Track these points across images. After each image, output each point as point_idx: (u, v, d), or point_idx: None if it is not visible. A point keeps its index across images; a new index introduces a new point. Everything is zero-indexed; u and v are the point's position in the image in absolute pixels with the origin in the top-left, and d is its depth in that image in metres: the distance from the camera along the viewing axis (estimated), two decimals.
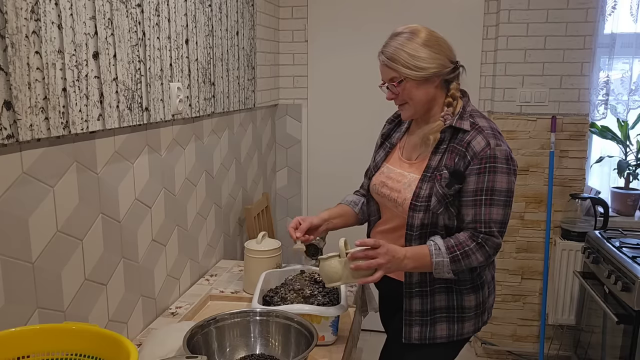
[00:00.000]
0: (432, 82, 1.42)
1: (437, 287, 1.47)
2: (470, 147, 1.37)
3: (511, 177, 1.37)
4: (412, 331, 1.49)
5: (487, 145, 1.35)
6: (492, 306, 1.57)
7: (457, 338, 1.49)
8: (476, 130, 1.39)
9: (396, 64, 1.40)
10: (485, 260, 1.39)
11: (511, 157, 1.38)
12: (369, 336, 3.19)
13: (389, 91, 1.46)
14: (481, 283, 1.49)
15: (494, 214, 1.36)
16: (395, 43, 1.41)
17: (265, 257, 1.88)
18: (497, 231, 1.37)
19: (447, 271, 1.38)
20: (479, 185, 1.36)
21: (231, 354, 1.40)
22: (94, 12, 1.29)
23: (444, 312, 1.48)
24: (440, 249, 1.37)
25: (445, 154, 1.42)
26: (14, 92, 1.05)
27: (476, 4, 2.89)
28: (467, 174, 1.37)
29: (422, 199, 1.41)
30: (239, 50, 2.35)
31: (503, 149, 1.36)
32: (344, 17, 3.04)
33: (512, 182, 1.37)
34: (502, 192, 1.36)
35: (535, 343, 3.02)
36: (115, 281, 1.48)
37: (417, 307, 1.48)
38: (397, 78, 1.42)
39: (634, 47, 2.69)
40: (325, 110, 3.17)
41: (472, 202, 1.37)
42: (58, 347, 0.99)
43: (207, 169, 2.10)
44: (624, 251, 2.29)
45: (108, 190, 1.42)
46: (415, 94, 1.42)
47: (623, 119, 2.85)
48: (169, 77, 1.69)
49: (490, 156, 1.35)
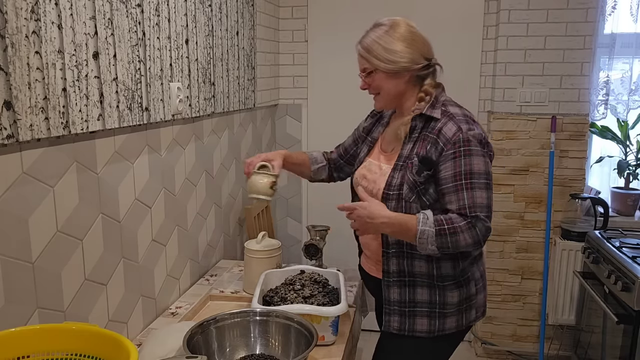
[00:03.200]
0: (402, 77, 1.44)
1: (418, 279, 1.45)
2: (441, 133, 1.37)
3: (487, 160, 1.37)
4: (392, 320, 1.49)
5: (459, 129, 1.36)
6: (483, 304, 1.54)
7: (438, 334, 1.47)
8: (447, 117, 1.40)
9: (369, 55, 1.44)
10: (474, 243, 1.34)
11: (486, 141, 1.38)
12: (369, 336, 3.19)
13: (363, 81, 1.51)
14: (465, 279, 1.47)
15: (478, 198, 1.33)
16: (373, 35, 1.46)
17: (265, 257, 1.88)
18: (483, 215, 1.34)
19: (431, 243, 1.33)
20: (456, 170, 1.34)
21: (231, 354, 1.40)
22: (94, 12, 1.29)
23: (425, 307, 1.46)
24: (429, 218, 1.34)
25: (417, 143, 1.43)
26: (14, 92, 1.05)
27: (476, 4, 2.89)
28: (442, 160, 1.36)
29: (394, 187, 1.42)
30: (239, 50, 2.35)
31: (476, 133, 1.36)
32: (344, 17, 3.04)
33: (488, 165, 1.37)
34: (481, 174, 1.34)
35: (535, 343, 3.02)
36: (115, 281, 1.48)
37: (396, 296, 1.48)
38: (368, 69, 1.46)
39: (634, 47, 2.69)
40: (325, 110, 3.17)
41: (452, 187, 1.35)
42: (58, 347, 0.99)
43: (207, 169, 2.10)
44: (624, 251, 2.29)
45: (108, 190, 1.42)
46: (385, 85, 1.45)
47: (623, 119, 2.85)
48: (169, 77, 1.69)
49: (464, 139, 1.34)
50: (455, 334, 1.50)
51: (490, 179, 1.37)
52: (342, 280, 1.68)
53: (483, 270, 1.55)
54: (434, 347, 1.51)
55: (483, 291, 1.54)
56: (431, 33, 3.17)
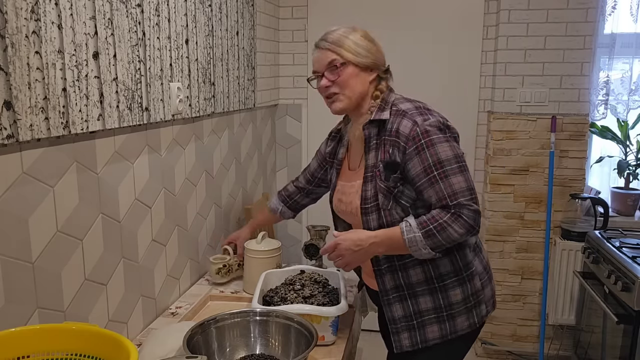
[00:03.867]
0: (370, 74, 1.45)
1: (417, 289, 1.42)
2: (399, 133, 1.36)
3: (453, 143, 1.34)
4: (402, 339, 1.44)
5: (414, 124, 1.35)
6: (491, 297, 1.50)
7: (452, 336, 1.43)
8: (399, 115, 1.39)
9: (340, 47, 1.42)
10: (467, 231, 1.31)
11: (446, 125, 1.36)
12: (369, 336, 3.19)
13: (325, 78, 1.45)
14: (469, 275, 1.43)
15: (455, 184, 1.31)
16: (337, 33, 1.44)
17: (265, 257, 1.88)
18: (466, 200, 1.30)
19: (423, 247, 1.32)
20: (425, 164, 1.33)
21: (231, 354, 1.40)
22: (94, 12, 1.29)
23: (432, 314, 1.43)
24: (411, 225, 1.33)
25: (379, 149, 1.41)
26: (14, 92, 1.05)
27: (476, 4, 2.89)
28: (408, 158, 1.35)
29: (370, 200, 1.41)
30: (239, 50, 2.35)
31: (433, 121, 1.35)
32: (343, 18, 3.03)
33: (456, 148, 1.34)
34: (451, 160, 1.32)
35: (535, 343, 3.02)
36: (115, 281, 1.48)
37: (400, 312, 1.44)
38: (337, 61, 1.42)
39: (634, 47, 2.69)
40: (325, 110, 3.14)
41: (427, 182, 1.33)
42: (58, 347, 0.99)
43: (207, 169, 2.10)
44: (624, 251, 2.29)
45: (108, 190, 1.42)
46: (352, 81, 1.43)
47: (623, 119, 2.85)
48: (169, 77, 1.69)
49: (422, 132, 1.33)
50: (470, 333, 1.47)
51: (462, 161, 1.34)
52: (342, 280, 1.68)
53: (486, 263, 1.51)
54: (450, 350, 1.48)
55: (489, 284, 1.50)
56: (431, 33, 3.18)
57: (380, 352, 3.03)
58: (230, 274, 2.01)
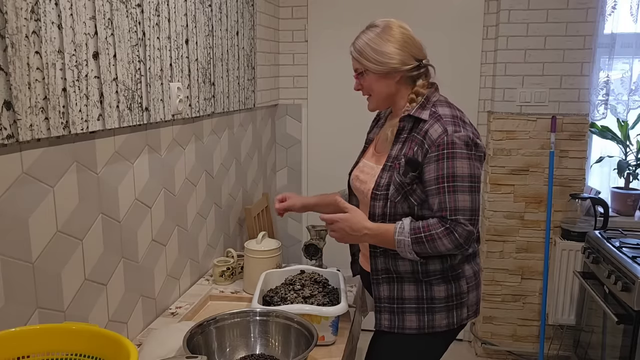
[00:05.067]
0: (393, 78, 1.47)
1: (405, 276, 1.46)
2: (427, 135, 1.38)
3: (474, 163, 1.36)
4: (382, 318, 1.50)
5: (444, 132, 1.36)
6: (475, 303, 1.52)
7: (429, 330, 1.46)
8: (435, 118, 1.40)
9: (361, 56, 1.48)
10: (455, 248, 1.34)
11: (474, 142, 1.37)
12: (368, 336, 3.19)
13: (357, 81, 1.55)
14: (454, 275, 1.45)
15: (460, 201, 1.33)
16: (365, 37, 1.49)
17: (265, 257, 1.88)
18: (464, 219, 1.33)
19: (408, 251, 1.37)
20: (439, 173, 1.35)
21: (231, 354, 1.40)
22: (94, 12, 1.29)
23: (413, 303, 1.46)
24: (404, 228, 1.37)
25: (406, 144, 1.44)
26: (14, 92, 1.05)
27: (476, 4, 2.89)
28: (427, 162, 1.37)
29: (382, 187, 1.44)
30: (239, 50, 2.35)
31: (462, 135, 1.36)
32: (344, 17, 3.04)
33: (474, 167, 1.36)
34: (465, 177, 1.34)
35: (535, 343, 3.02)
36: (115, 281, 1.48)
37: (385, 293, 1.49)
38: (359, 69, 1.51)
39: (634, 47, 2.69)
40: (325, 110, 3.17)
41: (435, 190, 1.36)
42: (58, 347, 0.99)
43: (207, 169, 2.10)
44: (624, 251, 2.29)
45: (108, 190, 1.42)
46: (376, 86, 1.49)
47: (623, 119, 2.85)
48: (169, 77, 1.69)
49: (448, 142, 1.34)
50: (447, 332, 1.49)
51: (475, 181, 1.36)
52: (342, 280, 1.68)
53: (478, 270, 1.53)
54: (426, 345, 1.50)
55: (475, 290, 1.51)
56: (431, 33, 3.18)
57: None
58: (233, 277, 2.02)
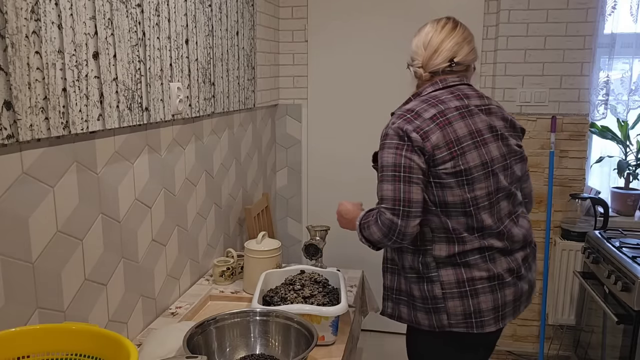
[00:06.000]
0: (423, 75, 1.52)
1: (402, 269, 1.50)
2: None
3: (400, 152, 1.35)
4: (387, 305, 1.56)
5: (387, 125, 1.42)
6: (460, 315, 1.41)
7: (416, 326, 1.47)
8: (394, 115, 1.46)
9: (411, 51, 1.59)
10: (384, 236, 1.36)
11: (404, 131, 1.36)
12: (369, 336, 3.19)
13: None
14: (427, 277, 1.42)
15: (383, 190, 1.36)
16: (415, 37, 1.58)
17: (265, 257, 1.88)
18: (385, 207, 1.35)
19: (360, 237, 1.46)
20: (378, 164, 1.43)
21: (231, 354, 1.40)
22: (94, 12, 1.29)
23: (404, 296, 1.50)
24: (361, 215, 1.47)
25: None
26: (14, 92, 1.05)
27: (476, 4, 2.89)
28: None
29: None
30: (239, 50, 2.35)
31: (396, 126, 1.38)
32: (344, 17, 3.04)
33: (399, 156, 1.35)
34: (388, 167, 1.37)
35: (535, 343, 3.02)
36: (115, 281, 1.48)
37: (387, 282, 1.55)
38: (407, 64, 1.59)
39: (634, 47, 2.69)
40: (325, 110, 3.17)
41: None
42: (58, 347, 0.99)
43: (207, 169, 2.10)
44: (624, 251, 2.29)
45: (108, 190, 1.42)
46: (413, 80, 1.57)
47: (623, 119, 2.85)
48: (169, 77, 1.69)
49: (384, 135, 1.41)
50: (432, 333, 1.46)
51: (399, 171, 1.35)
52: (342, 280, 1.68)
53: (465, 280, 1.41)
54: (417, 339, 1.55)
55: (459, 301, 1.41)
56: None
57: (381, 352, 3.04)
58: (233, 277, 2.02)
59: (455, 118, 1.40)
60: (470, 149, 1.38)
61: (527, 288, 1.51)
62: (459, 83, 1.48)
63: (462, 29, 1.52)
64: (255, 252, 1.89)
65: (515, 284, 1.46)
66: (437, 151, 1.35)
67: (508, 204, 1.47)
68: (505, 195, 1.45)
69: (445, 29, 1.51)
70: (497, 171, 1.42)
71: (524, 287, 1.49)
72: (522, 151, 1.52)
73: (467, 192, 1.37)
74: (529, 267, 1.52)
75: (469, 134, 1.39)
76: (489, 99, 1.51)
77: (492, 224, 1.41)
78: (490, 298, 1.42)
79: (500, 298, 1.43)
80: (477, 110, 1.44)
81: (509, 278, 1.44)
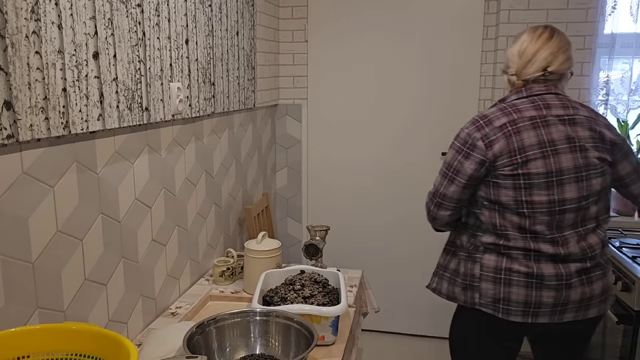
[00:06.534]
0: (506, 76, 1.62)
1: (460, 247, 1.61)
2: None
3: (457, 156, 1.52)
4: (433, 280, 1.69)
5: (463, 126, 1.56)
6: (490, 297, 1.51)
7: (453, 301, 1.61)
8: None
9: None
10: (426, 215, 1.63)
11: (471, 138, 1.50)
12: (369, 336, 3.19)
13: None
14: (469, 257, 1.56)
15: (435, 180, 1.59)
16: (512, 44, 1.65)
17: (265, 257, 1.88)
18: (429, 194, 1.61)
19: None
20: None
21: (231, 354, 1.40)
22: (94, 12, 1.29)
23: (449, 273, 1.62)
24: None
25: None
26: (14, 92, 1.05)
27: (476, 4, 2.89)
28: None
29: None
30: (239, 50, 2.35)
31: (464, 131, 1.53)
32: (344, 17, 3.04)
33: (455, 160, 1.52)
34: (445, 163, 1.56)
35: None
36: (115, 281, 1.48)
37: (442, 260, 1.68)
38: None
39: (634, 47, 2.69)
40: (325, 110, 3.17)
41: None
42: (58, 347, 0.99)
43: (207, 169, 2.10)
44: (624, 251, 2.29)
45: (108, 190, 1.42)
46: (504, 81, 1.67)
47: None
48: (169, 77, 1.69)
49: (457, 135, 1.56)
50: (464, 309, 1.59)
51: (450, 170, 1.53)
52: (342, 280, 1.68)
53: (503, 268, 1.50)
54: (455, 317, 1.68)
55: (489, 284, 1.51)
56: (431, 33, 3.18)
57: (380, 352, 3.04)
58: (233, 277, 2.02)
59: (526, 128, 1.46)
60: (536, 158, 1.43)
61: (578, 299, 1.49)
62: (545, 92, 1.52)
63: (559, 38, 1.55)
64: (255, 252, 1.89)
65: (559, 290, 1.47)
66: (498, 158, 1.46)
67: (575, 216, 1.47)
68: (574, 208, 1.46)
69: (541, 39, 1.54)
70: (565, 182, 1.44)
71: (573, 296, 1.48)
72: (603, 165, 1.49)
73: (524, 195, 1.45)
74: (586, 281, 1.50)
75: (537, 143, 1.44)
76: (577, 109, 1.51)
77: (544, 231, 1.46)
78: (522, 292, 1.48)
79: (535, 296, 1.48)
80: (557, 120, 1.47)
81: (551, 282, 1.47)
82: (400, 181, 3.14)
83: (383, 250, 3.24)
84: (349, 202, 3.21)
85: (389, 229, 3.21)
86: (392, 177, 3.14)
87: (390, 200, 3.17)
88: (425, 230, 3.16)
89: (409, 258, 3.21)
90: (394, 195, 3.16)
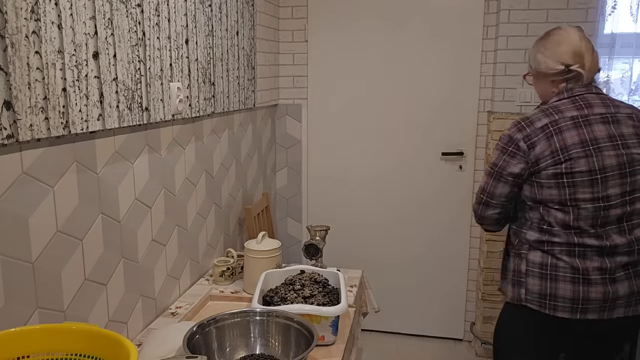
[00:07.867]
0: (543, 79, 1.61)
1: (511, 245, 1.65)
2: None
3: (502, 155, 1.56)
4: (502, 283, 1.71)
5: (507, 128, 1.59)
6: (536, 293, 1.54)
7: (504, 297, 1.67)
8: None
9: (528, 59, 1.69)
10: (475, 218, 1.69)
11: (513, 140, 1.53)
12: (369, 336, 3.19)
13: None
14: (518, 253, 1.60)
15: (482, 180, 1.64)
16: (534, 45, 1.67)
17: (265, 257, 1.88)
18: (476, 194, 1.67)
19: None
20: None
21: (231, 354, 1.40)
22: (94, 12, 1.29)
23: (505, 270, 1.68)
24: None
25: None
26: (14, 92, 1.05)
27: (476, 4, 2.89)
28: None
29: None
30: (239, 50, 2.35)
31: (507, 133, 1.57)
32: (344, 17, 3.04)
33: (501, 159, 1.56)
34: (491, 164, 1.60)
35: None
36: (115, 281, 1.48)
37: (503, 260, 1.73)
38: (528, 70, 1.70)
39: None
40: (325, 110, 3.17)
41: None
42: (58, 347, 0.99)
43: (207, 169, 2.10)
44: None
45: (108, 190, 1.42)
46: (535, 86, 1.68)
47: None
48: (169, 77, 1.69)
49: (501, 136, 1.59)
50: (512, 305, 1.61)
51: (494, 168, 1.58)
52: (342, 280, 1.68)
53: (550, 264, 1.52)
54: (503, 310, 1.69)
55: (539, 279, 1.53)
56: (431, 33, 3.17)
57: (380, 352, 3.04)
58: (233, 277, 2.02)
59: (568, 127, 1.48)
60: (579, 157, 1.45)
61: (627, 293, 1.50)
62: (586, 92, 1.55)
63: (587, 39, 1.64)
64: (255, 252, 1.89)
65: (605, 284, 1.48)
66: (540, 158, 1.49)
67: (620, 212, 1.49)
68: (619, 204, 1.48)
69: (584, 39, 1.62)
70: (609, 179, 1.46)
71: (621, 291, 1.49)
72: None
73: (568, 194, 1.47)
74: (633, 275, 1.51)
75: (580, 142, 1.46)
76: (618, 107, 1.53)
77: (589, 227, 1.48)
78: (569, 288, 1.50)
79: (582, 292, 1.49)
80: (600, 119, 1.49)
81: (596, 276, 1.48)
82: (400, 181, 3.14)
83: (383, 250, 3.24)
84: (348, 202, 3.21)
85: (389, 229, 3.21)
86: (392, 177, 3.14)
87: (390, 200, 3.17)
88: (426, 230, 3.16)
89: (409, 258, 3.21)
90: (394, 195, 3.16)
